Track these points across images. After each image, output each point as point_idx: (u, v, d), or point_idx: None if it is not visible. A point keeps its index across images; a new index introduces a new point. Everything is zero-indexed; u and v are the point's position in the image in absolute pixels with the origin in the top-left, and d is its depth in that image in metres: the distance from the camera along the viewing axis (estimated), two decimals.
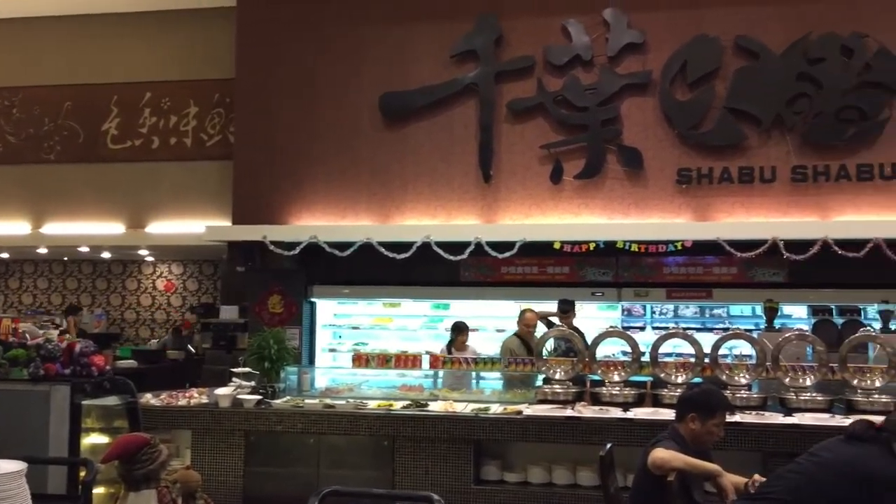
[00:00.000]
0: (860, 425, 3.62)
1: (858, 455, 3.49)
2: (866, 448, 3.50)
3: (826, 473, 3.50)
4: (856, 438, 3.56)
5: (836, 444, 3.63)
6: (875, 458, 3.47)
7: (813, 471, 3.55)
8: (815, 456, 3.60)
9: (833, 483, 3.47)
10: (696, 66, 9.01)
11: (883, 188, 8.65)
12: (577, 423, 6.25)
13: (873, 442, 3.51)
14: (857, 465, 3.46)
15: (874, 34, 8.64)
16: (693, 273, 9.55)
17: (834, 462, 3.52)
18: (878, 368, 6.63)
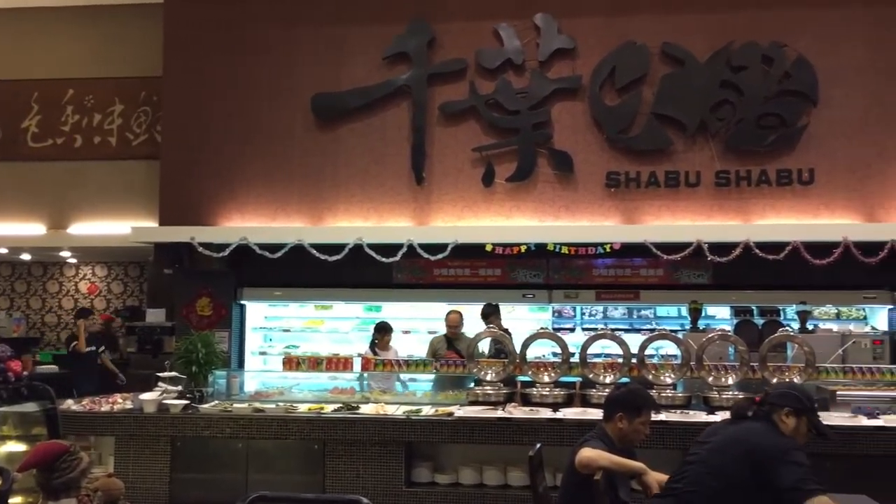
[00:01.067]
0: (742, 403, 3.81)
1: (744, 431, 3.66)
2: (751, 424, 3.68)
3: (719, 456, 3.66)
4: (740, 417, 3.73)
5: (723, 426, 3.81)
6: (760, 432, 3.65)
7: (707, 457, 3.70)
8: (706, 442, 3.77)
9: (727, 463, 3.63)
10: (624, 72, 9.18)
11: (801, 193, 8.96)
12: (508, 424, 6.30)
13: (756, 418, 3.69)
14: (744, 442, 3.64)
15: (793, 44, 8.95)
16: (621, 275, 9.74)
17: (723, 443, 3.70)
18: (795, 367, 6.87)
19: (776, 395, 3.86)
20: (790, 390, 3.98)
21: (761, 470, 3.56)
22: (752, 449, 3.63)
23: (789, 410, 3.80)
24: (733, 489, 3.61)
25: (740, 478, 3.59)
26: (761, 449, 3.62)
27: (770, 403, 3.78)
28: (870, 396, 6.57)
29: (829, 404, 6.58)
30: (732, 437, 3.71)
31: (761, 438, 3.67)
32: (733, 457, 3.65)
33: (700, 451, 3.77)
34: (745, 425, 3.73)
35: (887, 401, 6.49)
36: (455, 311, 8.74)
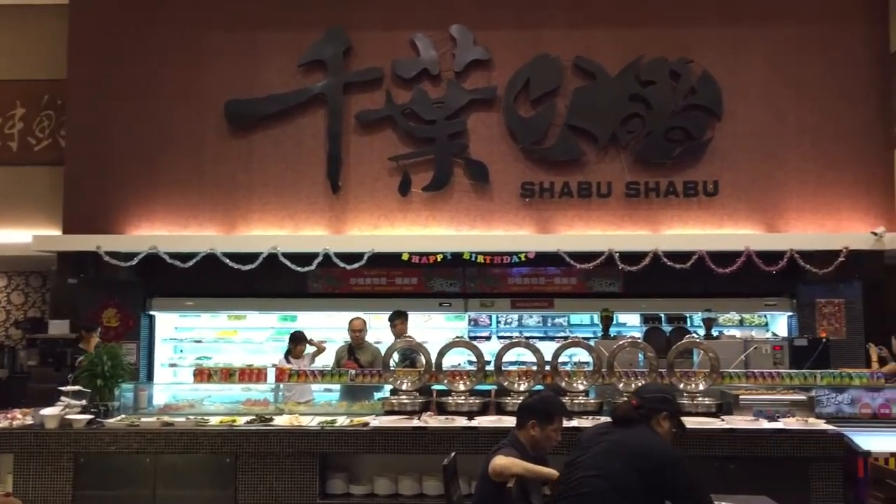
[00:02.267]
0: (623, 408, 3.91)
1: (631, 437, 3.76)
2: (635, 429, 3.79)
3: (607, 459, 3.73)
4: (624, 421, 3.82)
5: (607, 430, 3.89)
6: (646, 438, 3.77)
7: (595, 460, 3.77)
8: (591, 446, 3.83)
9: (617, 467, 3.71)
10: (538, 84, 9.34)
11: (706, 204, 9.28)
12: (423, 434, 6.30)
13: (637, 422, 3.80)
14: (632, 447, 3.74)
15: (699, 60, 9.27)
16: (536, 283, 9.88)
17: (611, 447, 3.78)
18: (701, 373, 7.08)
19: (653, 400, 3.97)
20: (664, 395, 4.13)
21: (651, 475, 3.67)
22: (643, 455, 3.73)
23: (666, 415, 3.95)
24: (623, 491, 3.69)
25: (629, 481, 3.67)
26: (651, 456, 3.73)
27: (648, 408, 3.91)
28: (770, 400, 6.81)
29: (733, 408, 6.81)
30: (621, 442, 3.79)
31: (650, 445, 3.78)
32: (623, 461, 3.73)
33: (586, 454, 3.82)
34: (630, 430, 3.83)
35: (786, 404, 6.74)
36: (358, 317, 8.73)
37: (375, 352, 8.53)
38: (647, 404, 3.93)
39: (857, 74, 9.24)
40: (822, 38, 9.29)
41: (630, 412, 3.89)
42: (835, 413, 6.87)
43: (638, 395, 4.02)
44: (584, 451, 3.86)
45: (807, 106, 9.26)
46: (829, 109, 9.24)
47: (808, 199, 9.21)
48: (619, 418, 3.91)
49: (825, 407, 6.91)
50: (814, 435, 6.18)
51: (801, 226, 9.17)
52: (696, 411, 6.74)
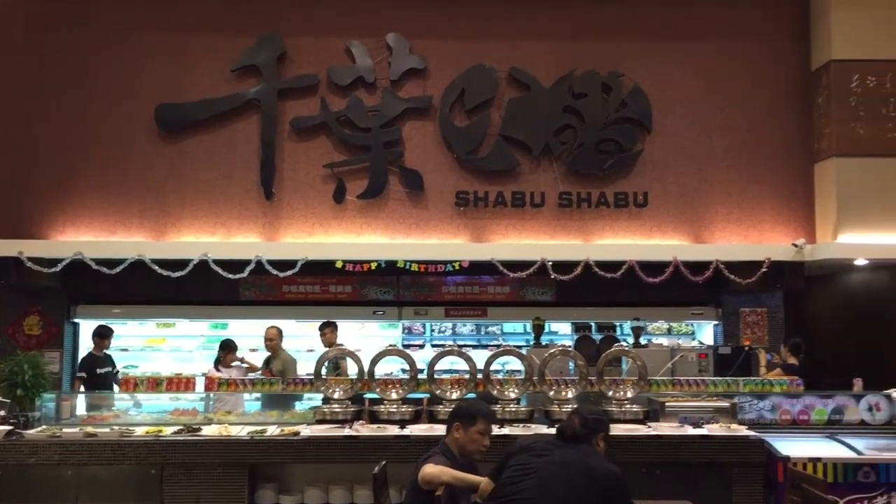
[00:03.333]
0: (569, 427, 3.99)
1: (584, 456, 3.84)
2: (584, 448, 3.87)
3: (561, 471, 3.77)
4: (569, 439, 3.91)
5: (558, 445, 3.95)
6: (597, 458, 3.86)
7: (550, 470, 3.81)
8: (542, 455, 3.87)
9: (571, 482, 3.75)
10: (473, 94, 9.42)
11: (636, 215, 9.47)
12: (355, 443, 6.28)
13: (582, 440, 3.89)
14: (586, 466, 3.80)
15: (630, 74, 9.47)
16: (470, 292, 9.96)
17: (565, 462, 3.82)
18: (629, 380, 7.22)
19: (594, 421, 4.14)
20: (601, 416, 4.32)
21: (608, 496, 3.77)
22: (598, 475, 3.81)
23: (603, 436, 4.10)
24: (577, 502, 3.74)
25: (587, 498, 3.74)
26: (606, 478, 3.82)
27: (591, 428, 4.07)
28: (695, 407, 6.99)
29: (660, 415, 6.96)
30: (575, 460, 3.86)
31: (602, 466, 3.88)
32: (579, 477, 3.79)
33: (537, 462, 3.86)
34: (581, 449, 3.93)
35: (710, 411, 6.93)
36: (272, 326, 8.71)
37: (286, 360, 8.57)
38: (589, 424, 4.08)
39: (781, 91, 9.56)
40: (747, 54, 9.59)
41: (578, 430, 4.00)
42: (756, 419, 7.08)
43: (579, 416, 4.14)
44: (538, 458, 3.87)
45: (733, 121, 9.54)
46: (754, 124, 9.53)
47: (734, 212, 9.48)
48: (570, 436, 3.98)
49: (747, 413, 7.11)
50: (736, 441, 6.36)
51: (726, 237, 9.44)
52: (624, 418, 6.87)
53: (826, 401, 7.28)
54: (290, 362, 8.63)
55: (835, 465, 6.42)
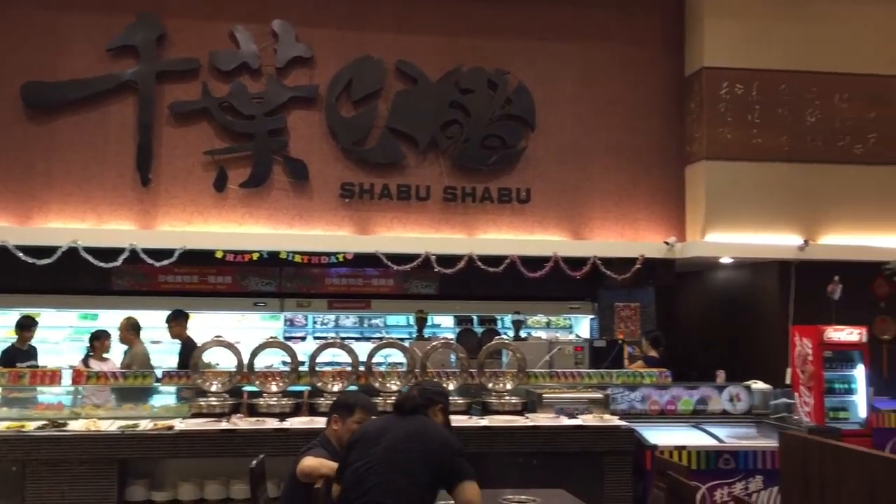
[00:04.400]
0: (408, 400, 4.03)
1: (420, 427, 3.88)
2: (419, 418, 3.93)
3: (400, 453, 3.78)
4: (410, 411, 3.96)
5: (394, 423, 3.95)
6: (432, 427, 3.92)
7: (385, 456, 3.79)
8: (378, 442, 3.85)
9: (412, 459, 3.77)
10: (360, 85, 9.36)
11: (519, 210, 9.66)
12: (233, 436, 6.16)
13: (419, 411, 3.95)
14: (423, 437, 3.84)
15: (515, 72, 9.64)
16: (354, 284, 9.92)
17: (401, 439, 3.83)
18: (509, 373, 7.39)
19: (433, 393, 4.18)
20: (442, 390, 4.37)
21: (443, 464, 3.78)
22: (434, 443, 3.83)
23: (441, 407, 4.15)
24: (419, 483, 3.74)
25: (424, 472, 3.75)
26: (442, 444, 3.84)
27: (429, 398, 4.09)
28: (571, 398, 7.22)
29: (537, 406, 7.15)
30: (411, 433, 3.86)
31: (438, 434, 3.91)
32: (416, 452, 3.79)
33: (376, 450, 3.83)
34: (417, 420, 3.94)
35: (585, 402, 7.18)
36: (128, 317, 8.47)
37: (135, 354, 8.32)
38: (427, 395, 4.10)
39: (658, 95, 9.95)
40: (627, 58, 9.93)
41: (416, 400, 4.01)
42: (627, 409, 7.38)
43: (419, 388, 4.19)
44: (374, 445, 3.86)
45: (612, 122, 9.86)
46: (631, 126, 9.88)
47: (611, 210, 9.81)
48: (408, 408, 3.98)
49: (619, 404, 7.40)
50: (608, 430, 6.61)
51: (603, 234, 9.76)
52: (503, 410, 7.02)
53: (692, 392, 7.66)
54: (138, 356, 8.29)
55: (698, 452, 6.77)
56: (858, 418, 8.14)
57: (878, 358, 9.10)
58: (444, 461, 3.78)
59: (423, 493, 3.76)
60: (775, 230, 9.34)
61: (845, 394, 8.18)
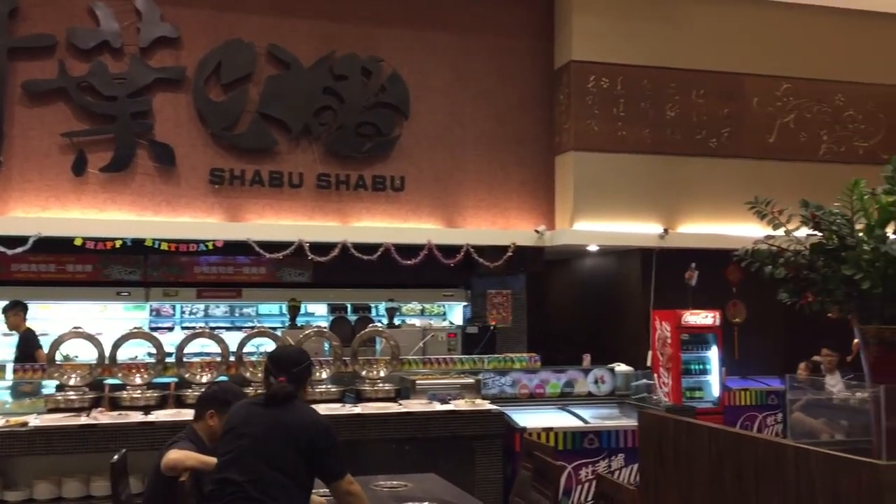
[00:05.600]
0: (280, 392, 3.86)
1: (283, 413, 3.78)
2: (291, 405, 3.84)
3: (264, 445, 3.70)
4: (282, 399, 3.86)
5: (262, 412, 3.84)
6: (304, 413, 3.84)
7: (250, 447, 3.71)
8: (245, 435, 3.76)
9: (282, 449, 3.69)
10: (230, 69, 9.10)
11: (393, 198, 9.68)
12: (93, 431, 5.91)
13: (292, 398, 3.86)
14: (294, 425, 3.75)
15: (389, 60, 9.63)
16: (224, 273, 9.69)
17: (271, 428, 3.74)
18: (383, 360, 7.43)
19: (299, 373, 3.94)
20: (300, 356, 4.09)
21: (315, 452, 3.72)
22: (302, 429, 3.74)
23: (309, 380, 4.07)
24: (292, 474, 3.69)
25: (296, 461, 3.69)
26: (314, 432, 3.75)
27: (298, 382, 3.90)
28: (444, 384, 7.33)
29: (410, 393, 7.22)
30: (279, 420, 3.75)
31: (310, 420, 3.80)
32: (288, 441, 3.71)
33: (243, 442, 3.74)
34: (288, 407, 3.80)
35: (458, 387, 7.30)
36: None
37: None
38: (295, 378, 3.89)
39: (527, 87, 10.17)
40: (498, 49, 10.09)
41: (290, 390, 3.83)
42: (498, 394, 7.56)
43: (285, 372, 3.89)
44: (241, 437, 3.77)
45: (484, 111, 10.01)
46: (503, 116, 10.07)
47: (483, 198, 9.98)
48: (281, 399, 3.81)
49: (490, 389, 7.58)
50: (479, 414, 6.75)
51: (476, 222, 9.91)
52: (376, 397, 7.06)
53: (559, 375, 7.94)
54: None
55: (564, 433, 7.03)
56: (712, 397, 8.66)
57: (729, 340, 9.70)
58: (315, 449, 3.73)
59: (296, 484, 3.71)
60: (638, 219, 9.76)
61: (700, 374, 8.69)
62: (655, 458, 4.51)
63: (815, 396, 5.40)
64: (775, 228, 3.78)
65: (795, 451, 3.43)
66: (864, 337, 3.47)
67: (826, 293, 3.59)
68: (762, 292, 4.87)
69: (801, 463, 3.36)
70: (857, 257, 3.38)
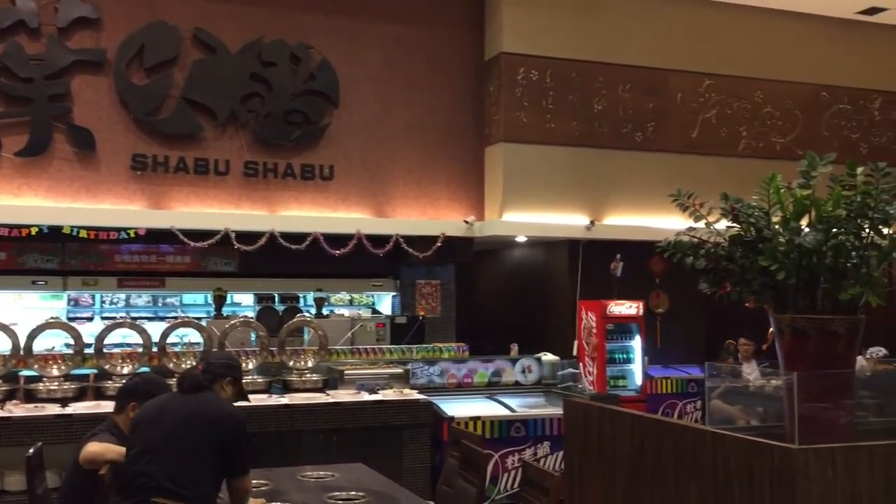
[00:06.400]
0: (188, 376, 3.92)
1: (201, 403, 3.79)
2: (204, 395, 3.83)
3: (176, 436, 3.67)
4: (188, 390, 3.85)
5: (174, 401, 3.85)
6: (216, 404, 3.83)
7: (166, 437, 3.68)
8: (158, 423, 3.73)
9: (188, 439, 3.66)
10: (153, 52, 8.86)
11: (322, 187, 9.59)
12: (7, 424, 5.73)
13: (203, 389, 3.85)
14: (204, 414, 3.74)
15: (318, 47, 9.52)
16: (146, 261, 9.45)
17: (182, 418, 3.72)
18: (311, 350, 7.37)
19: (219, 366, 4.04)
20: (230, 361, 4.25)
21: (226, 444, 3.70)
22: (215, 421, 3.73)
23: (231, 380, 4.04)
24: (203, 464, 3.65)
25: (208, 452, 3.66)
26: (223, 423, 3.74)
27: (214, 373, 3.95)
28: (372, 374, 7.32)
29: (339, 383, 7.19)
30: (192, 411, 3.74)
31: (220, 411, 3.80)
32: (198, 431, 3.68)
33: (157, 433, 3.70)
34: (198, 397, 3.81)
35: (386, 377, 7.30)
36: None
37: None
38: (213, 369, 3.97)
39: (458, 78, 10.18)
40: (429, 39, 10.07)
41: (198, 377, 3.87)
42: (427, 384, 7.59)
43: (205, 361, 4.05)
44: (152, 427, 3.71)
45: (414, 101, 9.98)
46: (433, 107, 10.06)
47: (413, 188, 9.97)
48: (189, 386, 3.84)
49: (419, 378, 7.60)
50: (407, 404, 6.78)
51: (406, 212, 9.89)
52: (304, 387, 7.01)
53: (487, 365, 8.01)
54: None
55: (492, 422, 7.10)
56: (635, 385, 8.88)
57: (652, 330, 9.93)
58: (226, 441, 3.69)
59: (208, 474, 3.66)
60: (566, 211, 9.89)
61: (624, 363, 8.89)
62: (580, 445, 4.59)
63: (733, 384, 5.59)
64: (696, 221, 3.88)
65: (713, 436, 3.54)
66: (779, 326, 3.60)
67: (744, 283, 3.70)
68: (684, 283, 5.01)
69: (719, 448, 3.47)
70: (773, 249, 3.49)
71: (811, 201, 3.53)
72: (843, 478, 3.13)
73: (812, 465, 3.10)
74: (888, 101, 11.46)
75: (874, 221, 3.44)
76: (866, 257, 3.41)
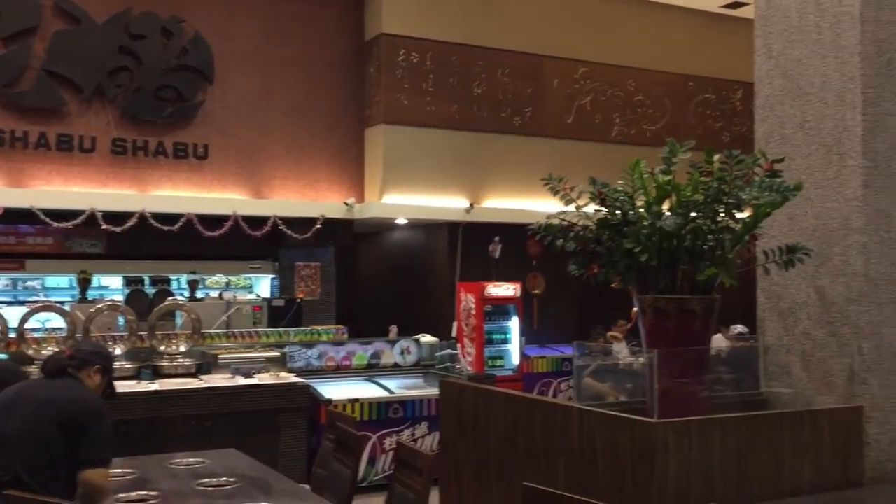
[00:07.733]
0: (52, 361, 3.80)
1: (58, 390, 3.65)
2: (64, 381, 3.70)
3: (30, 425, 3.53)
4: (50, 376, 3.72)
5: (33, 387, 3.74)
6: (73, 390, 3.69)
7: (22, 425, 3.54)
8: (14, 411, 3.59)
9: (41, 428, 3.51)
10: (10, 20, 8.33)
11: (196, 167, 9.29)
12: None
13: (65, 375, 3.73)
14: (59, 402, 3.60)
15: (191, 21, 9.18)
16: (5, 243, 8.95)
17: (32, 408, 3.58)
18: (183, 334, 7.16)
19: (89, 353, 3.91)
20: (100, 349, 4.13)
21: (80, 432, 3.55)
22: (67, 406, 3.59)
23: (99, 368, 3.89)
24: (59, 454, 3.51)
25: (62, 441, 3.51)
26: (74, 407, 3.60)
27: (82, 360, 3.82)
28: (248, 358, 7.19)
29: (212, 368, 7.03)
30: (48, 397, 3.60)
31: (74, 395, 3.66)
32: (49, 417, 3.53)
33: (11, 422, 3.53)
34: (59, 382, 3.68)
35: (262, 361, 7.19)
36: None
37: None
38: (82, 355, 3.83)
39: (338, 57, 10.05)
40: (310, 17, 9.89)
41: (63, 361, 3.73)
42: (305, 367, 7.52)
43: (74, 348, 3.92)
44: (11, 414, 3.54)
45: (294, 81, 9.79)
46: (313, 87, 9.90)
47: (292, 169, 9.80)
48: (52, 369, 3.69)
49: (297, 362, 7.51)
50: (283, 388, 6.70)
51: (284, 193, 9.72)
52: (175, 373, 6.81)
53: (366, 347, 8.01)
54: None
55: (370, 404, 7.11)
56: (512, 365, 9.07)
57: (529, 311, 10.17)
58: (77, 428, 3.52)
59: (64, 465, 3.50)
60: (446, 193, 9.97)
61: (502, 344, 9.07)
62: (455, 424, 4.65)
63: (603, 362, 5.80)
64: (567, 204, 3.97)
65: (580, 412, 3.66)
66: (642, 305, 3.74)
67: (610, 265, 3.83)
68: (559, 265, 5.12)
69: (585, 423, 3.59)
70: (636, 232, 3.62)
71: (672, 186, 3.67)
72: (698, 448, 3.31)
73: (670, 437, 3.26)
74: (749, 92, 12.05)
75: (728, 206, 3.61)
76: (721, 240, 3.57)
